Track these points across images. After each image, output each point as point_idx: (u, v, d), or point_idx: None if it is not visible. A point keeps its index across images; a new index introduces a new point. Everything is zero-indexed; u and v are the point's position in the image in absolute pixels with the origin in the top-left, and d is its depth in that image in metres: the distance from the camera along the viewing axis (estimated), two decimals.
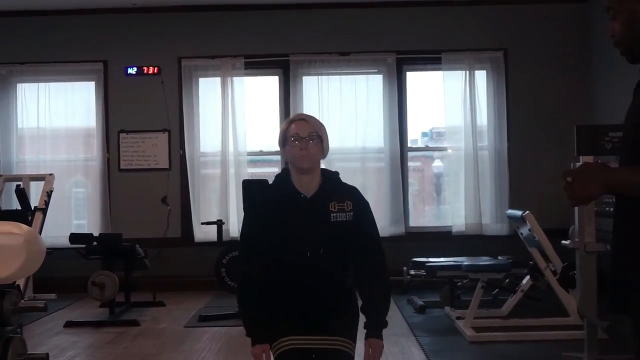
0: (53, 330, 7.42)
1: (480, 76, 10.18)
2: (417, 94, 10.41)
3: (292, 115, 3.50)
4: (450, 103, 10.13)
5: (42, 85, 10.38)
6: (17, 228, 3.51)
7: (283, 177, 3.51)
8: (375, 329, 3.39)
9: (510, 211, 7.75)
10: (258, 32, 10.20)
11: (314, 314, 3.39)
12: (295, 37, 10.19)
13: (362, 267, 3.47)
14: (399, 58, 10.14)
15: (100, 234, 8.91)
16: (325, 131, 3.48)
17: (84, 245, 8.30)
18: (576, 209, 5.45)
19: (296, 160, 3.40)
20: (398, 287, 8.96)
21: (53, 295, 9.04)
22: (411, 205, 10.47)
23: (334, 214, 3.40)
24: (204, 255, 9.40)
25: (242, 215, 9.49)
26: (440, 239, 9.93)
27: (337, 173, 3.57)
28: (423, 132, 10.90)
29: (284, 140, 3.46)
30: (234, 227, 9.78)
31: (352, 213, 3.41)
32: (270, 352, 3.37)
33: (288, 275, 3.42)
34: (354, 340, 3.43)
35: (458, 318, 7.23)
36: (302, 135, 3.38)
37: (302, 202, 3.42)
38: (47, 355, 3.64)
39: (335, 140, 9.97)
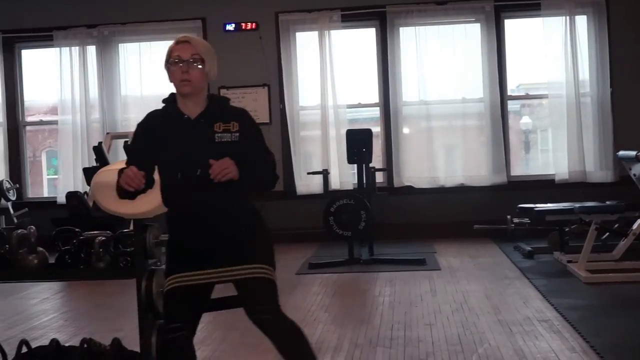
0: None
1: (581, 21, 9.97)
2: (516, 43, 10.27)
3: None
4: (550, 50, 9.96)
5: (143, 44, 10.60)
6: None
7: (169, 100, 3.45)
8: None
9: (623, 152, 7.61)
10: None
11: (215, 244, 3.29)
12: None
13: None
14: (497, 5, 10.00)
15: None
16: (212, 54, 3.38)
17: None
18: None
19: (177, 85, 3.33)
20: (502, 235, 8.92)
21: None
22: (512, 154, 10.37)
23: (219, 134, 3.30)
24: (307, 207, 9.54)
25: (343, 167, 9.60)
26: (543, 187, 9.83)
27: (227, 99, 3.50)
28: (521, 82, 10.76)
29: (167, 61, 3.37)
30: (335, 179, 9.84)
31: (237, 134, 3.31)
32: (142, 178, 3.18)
33: (178, 201, 3.33)
34: (272, 265, 3.33)
35: (569, 262, 7.17)
36: (184, 57, 3.29)
37: (185, 123, 3.34)
38: None
39: (434, 91, 10.01)
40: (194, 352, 3.35)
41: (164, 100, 3.47)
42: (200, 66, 3.31)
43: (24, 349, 3.80)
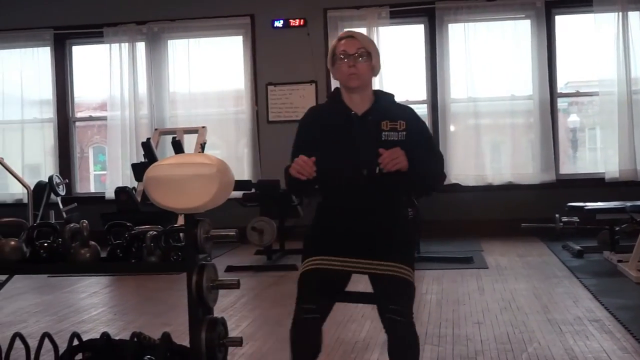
0: None
1: (634, 17, 9.83)
2: (567, 40, 10.15)
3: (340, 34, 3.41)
4: (602, 46, 9.83)
5: (192, 41, 10.68)
6: (208, 159, 3.61)
7: (334, 96, 3.40)
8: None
9: None
10: None
11: (364, 236, 3.22)
12: None
13: None
14: (548, 1, 9.92)
15: (258, 180, 9.09)
16: (376, 48, 3.34)
17: (240, 194, 8.49)
18: None
19: (344, 79, 3.29)
20: (550, 234, 8.84)
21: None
22: (562, 152, 10.26)
23: (386, 133, 3.24)
24: None
25: None
26: (592, 186, 9.72)
27: (392, 95, 3.41)
28: (571, 80, 10.64)
29: (332, 58, 3.33)
30: None
31: (404, 133, 3.24)
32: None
33: (337, 195, 3.30)
34: (413, 269, 3.24)
35: (620, 261, 7.07)
36: (350, 52, 3.26)
37: (352, 120, 3.29)
38: (238, 281, 3.73)
39: (482, 88, 9.94)
40: (321, 338, 3.27)
41: (329, 95, 3.45)
42: (367, 60, 3.29)
43: (75, 342, 3.84)
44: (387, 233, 3.26)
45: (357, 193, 3.25)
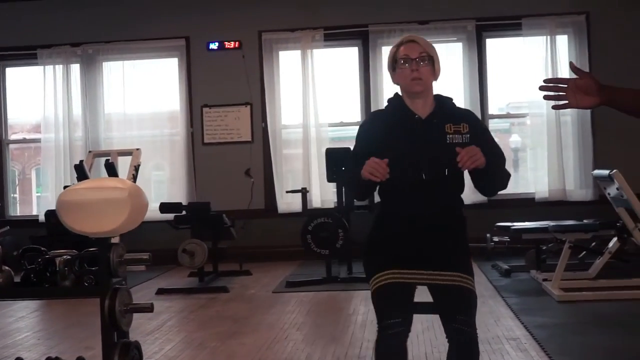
0: (146, 297, 7.61)
1: (562, 41, 10.06)
2: (497, 62, 10.33)
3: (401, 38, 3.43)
4: (531, 69, 9.99)
5: (127, 63, 10.65)
6: (121, 183, 3.65)
7: (396, 101, 3.40)
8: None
9: (597, 171, 7.64)
10: (337, 3, 10.27)
11: (426, 246, 3.23)
12: (374, 7, 10.20)
13: None
14: (479, 25, 10.09)
15: (189, 203, 9.11)
16: (436, 52, 3.35)
17: (172, 217, 8.49)
18: None
19: (407, 85, 3.29)
20: (481, 254, 8.97)
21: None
22: None
23: (450, 136, 3.25)
24: (288, 226, 9.53)
25: (324, 185, 9.60)
26: (523, 206, 9.88)
27: (451, 98, 3.45)
28: (504, 102, 10.82)
29: (393, 63, 3.36)
30: (317, 198, 9.90)
31: (468, 135, 3.26)
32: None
33: (399, 201, 3.29)
34: (473, 277, 3.25)
35: (545, 280, 7.20)
36: (412, 56, 3.27)
37: (416, 123, 3.29)
38: (152, 305, 3.76)
39: None
40: (407, 353, 3.26)
41: (390, 100, 3.44)
42: (429, 64, 3.30)
43: None
44: (450, 241, 3.27)
45: (419, 198, 3.25)
